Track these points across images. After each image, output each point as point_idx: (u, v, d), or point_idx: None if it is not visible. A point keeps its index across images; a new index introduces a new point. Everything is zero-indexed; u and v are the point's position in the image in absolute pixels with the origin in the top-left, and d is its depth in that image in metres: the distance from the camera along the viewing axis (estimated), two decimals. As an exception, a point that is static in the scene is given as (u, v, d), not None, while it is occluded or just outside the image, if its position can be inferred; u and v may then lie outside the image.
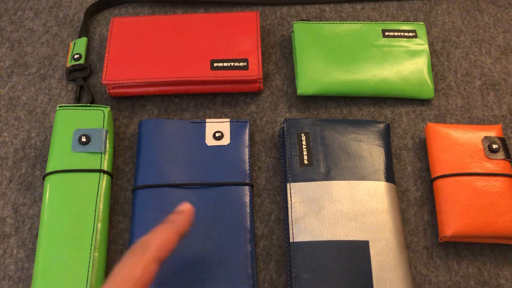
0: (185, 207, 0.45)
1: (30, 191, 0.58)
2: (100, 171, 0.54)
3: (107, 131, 0.56)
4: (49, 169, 0.54)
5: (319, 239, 0.51)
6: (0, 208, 0.57)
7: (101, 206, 0.53)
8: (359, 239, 0.51)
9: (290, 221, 0.53)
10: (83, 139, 0.55)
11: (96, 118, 0.57)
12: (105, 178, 0.54)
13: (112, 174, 0.56)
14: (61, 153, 0.55)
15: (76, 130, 0.56)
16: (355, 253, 0.50)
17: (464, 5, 0.71)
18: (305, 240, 0.51)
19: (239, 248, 0.52)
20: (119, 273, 0.39)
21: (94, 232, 0.51)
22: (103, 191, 0.54)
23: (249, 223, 0.53)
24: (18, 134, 0.61)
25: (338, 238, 0.51)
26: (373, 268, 0.50)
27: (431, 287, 0.52)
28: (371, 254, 0.50)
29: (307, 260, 0.50)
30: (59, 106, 0.58)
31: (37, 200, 0.57)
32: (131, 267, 0.39)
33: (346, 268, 0.50)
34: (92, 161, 0.55)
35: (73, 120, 0.56)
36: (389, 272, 0.50)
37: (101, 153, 0.55)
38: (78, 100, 0.63)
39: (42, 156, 0.60)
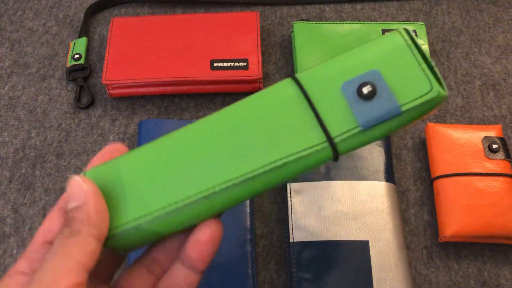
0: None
1: (30, 191, 0.58)
2: None
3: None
4: None
5: (319, 239, 0.51)
6: (0, 208, 0.57)
7: None
8: (359, 239, 0.51)
9: (290, 221, 0.53)
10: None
11: None
12: None
13: None
14: None
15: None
16: (355, 253, 0.50)
17: (464, 5, 0.71)
18: (305, 240, 0.51)
19: (239, 248, 0.52)
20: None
21: None
22: None
23: (249, 223, 0.53)
24: (18, 134, 0.61)
25: (338, 238, 0.51)
26: (373, 268, 0.50)
27: (431, 287, 0.52)
28: (371, 254, 0.50)
29: (307, 260, 0.50)
30: None
31: (37, 200, 0.57)
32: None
33: (346, 268, 0.50)
34: None
35: None
36: (389, 272, 0.50)
37: None
38: (78, 100, 0.63)
39: (42, 156, 0.60)
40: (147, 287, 0.33)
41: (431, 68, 0.30)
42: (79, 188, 0.29)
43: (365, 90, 0.30)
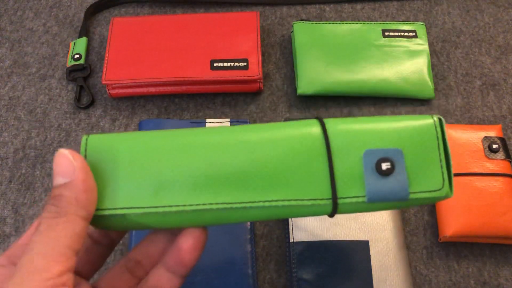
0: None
1: (30, 191, 0.58)
2: None
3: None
4: None
5: (319, 239, 0.51)
6: (0, 208, 0.57)
7: None
8: (359, 239, 0.51)
9: (290, 221, 0.53)
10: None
11: None
12: None
13: None
14: None
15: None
16: (355, 253, 0.50)
17: (464, 5, 0.71)
18: (305, 240, 0.51)
19: (239, 248, 0.52)
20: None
21: None
22: None
23: (249, 223, 0.53)
24: (18, 134, 0.61)
25: (338, 238, 0.51)
26: (373, 268, 0.50)
27: (431, 287, 0.52)
28: (371, 254, 0.50)
29: (307, 260, 0.50)
30: None
31: (37, 200, 0.57)
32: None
33: (346, 268, 0.50)
34: None
35: None
36: (389, 272, 0.50)
37: None
38: (78, 100, 0.63)
39: (42, 156, 0.60)
40: None
41: (448, 166, 0.31)
42: (68, 163, 0.27)
43: (384, 166, 0.30)
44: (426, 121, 0.31)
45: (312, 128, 0.31)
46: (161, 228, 0.31)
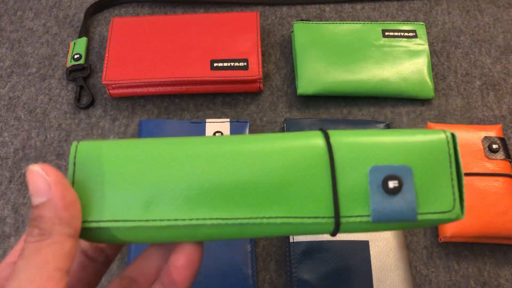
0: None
1: (30, 191, 0.58)
2: None
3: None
4: None
5: (319, 239, 0.51)
6: (0, 208, 0.57)
7: None
8: (359, 239, 0.51)
9: (290, 221, 0.53)
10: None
11: None
12: None
13: None
14: None
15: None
16: (355, 253, 0.50)
17: (464, 5, 0.71)
18: (305, 240, 0.51)
19: (239, 248, 0.52)
20: None
21: None
22: None
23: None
24: (18, 134, 0.61)
25: (338, 238, 0.51)
26: (373, 268, 0.50)
27: (431, 287, 0.52)
28: (371, 254, 0.50)
29: (307, 260, 0.50)
30: None
31: (37, 200, 0.57)
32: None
33: (346, 268, 0.50)
34: None
35: None
36: (389, 272, 0.50)
37: None
38: (78, 100, 0.63)
39: (42, 156, 0.60)
40: None
41: (460, 186, 0.29)
42: (42, 180, 0.25)
43: (391, 184, 0.28)
44: (437, 136, 0.29)
45: (315, 140, 0.29)
46: (151, 243, 0.29)
